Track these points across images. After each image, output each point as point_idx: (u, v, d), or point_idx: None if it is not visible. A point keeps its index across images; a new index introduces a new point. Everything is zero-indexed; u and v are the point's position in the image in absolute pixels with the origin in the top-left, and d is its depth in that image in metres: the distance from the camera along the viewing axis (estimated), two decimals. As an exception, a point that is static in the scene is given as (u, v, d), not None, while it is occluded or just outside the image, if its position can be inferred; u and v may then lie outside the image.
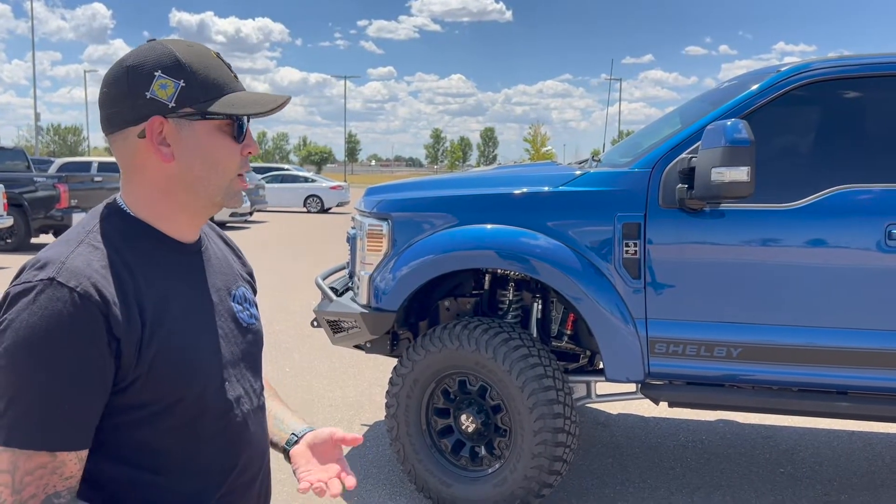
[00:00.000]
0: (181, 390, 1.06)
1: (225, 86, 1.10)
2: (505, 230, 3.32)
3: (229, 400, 1.14)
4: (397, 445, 3.54)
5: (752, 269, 3.09)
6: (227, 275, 1.24)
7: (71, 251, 1.02)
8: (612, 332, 3.17)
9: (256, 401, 1.22)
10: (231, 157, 1.12)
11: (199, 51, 1.11)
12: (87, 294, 0.97)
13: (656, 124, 4.33)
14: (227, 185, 1.13)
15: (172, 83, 1.06)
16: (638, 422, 4.83)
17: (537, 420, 3.18)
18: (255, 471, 1.20)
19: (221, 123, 1.10)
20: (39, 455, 0.96)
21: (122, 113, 1.07)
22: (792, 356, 3.06)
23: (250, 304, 1.28)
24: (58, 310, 0.95)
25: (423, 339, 3.46)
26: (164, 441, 1.07)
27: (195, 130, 1.09)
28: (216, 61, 1.11)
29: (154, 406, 1.04)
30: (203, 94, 1.08)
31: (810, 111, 3.31)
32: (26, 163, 15.04)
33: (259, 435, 1.21)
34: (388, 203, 3.62)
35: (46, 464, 0.96)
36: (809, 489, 3.81)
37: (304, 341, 6.77)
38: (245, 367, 1.21)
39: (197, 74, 1.08)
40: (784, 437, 4.54)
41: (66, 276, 0.98)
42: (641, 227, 3.13)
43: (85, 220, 1.11)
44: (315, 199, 26.31)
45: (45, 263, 1.00)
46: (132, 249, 1.07)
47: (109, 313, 0.98)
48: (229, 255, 1.31)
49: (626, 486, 3.82)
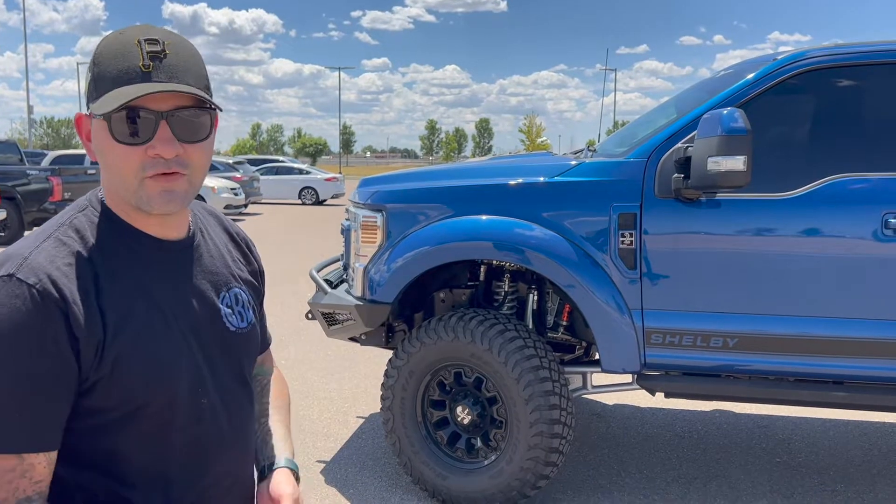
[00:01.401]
0: (147, 396, 1.01)
1: (116, 79, 0.98)
2: (500, 221, 3.30)
3: (202, 408, 1.08)
4: (393, 438, 3.52)
5: (749, 259, 3.07)
6: (219, 275, 1.16)
7: (36, 246, 0.98)
8: (608, 322, 3.16)
9: (238, 410, 1.15)
10: (121, 159, 1.00)
11: (124, 38, 1.00)
12: (45, 291, 0.94)
13: (652, 114, 4.31)
14: (136, 189, 1.01)
15: (88, 77, 1.02)
16: (633, 412, 4.83)
17: (533, 411, 3.17)
18: (231, 482, 1.14)
19: (104, 123, 0.99)
20: (6, 458, 0.93)
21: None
22: (788, 346, 3.05)
23: (244, 306, 1.19)
24: (16, 307, 0.92)
25: (419, 330, 3.44)
26: (131, 448, 1.03)
27: (94, 129, 1.02)
28: (127, 50, 0.99)
29: (118, 411, 1.00)
30: (95, 91, 1.00)
31: (806, 100, 3.29)
32: (19, 155, 14.96)
33: (239, 445, 1.15)
34: (383, 194, 3.59)
35: (15, 467, 0.94)
36: (806, 479, 3.81)
37: (299, 334, 6.75)
38: (227, 373, 1.14)
39: (97, 67, 1.00)
40: (780, 427, 4.55)
41: (26, 273, 0.94)
42: (637, 217, 3.11)
43: (63, 212, 1.07)
44: (310, 191, 26.25)
45: (7, 259, 0.97)
46: (102, 246, 1.02)
47: (69, 312, 0.95)
48: (231, 253, 1.23)
49: (622, 476, 3.82)
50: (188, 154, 1.01)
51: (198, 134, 1.03)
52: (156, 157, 0.99)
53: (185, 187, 1.03)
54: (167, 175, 1.01)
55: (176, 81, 0.99)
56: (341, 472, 3.85)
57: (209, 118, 1.04)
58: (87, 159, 17.29)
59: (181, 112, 1.00)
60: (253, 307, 1.23)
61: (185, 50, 1.03)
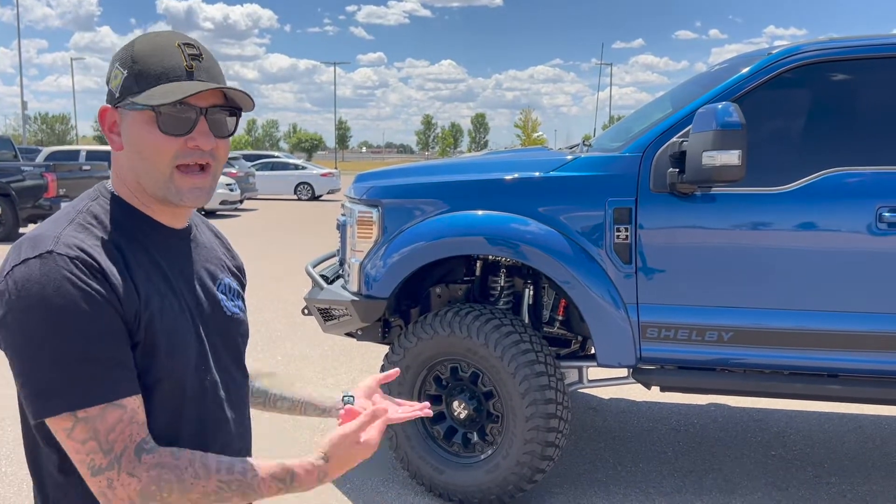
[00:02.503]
0: (168, 367, 1.08)
1: (161, 76, 1.07)
2: (495, 216, 3.30)
3: (205, 385, 1.15)
4: (389, 432, 3.53)
5: (743, 253, 3.08)
6: (214, 264, 1.25)
7: (62, 229, 1.04)
8: (603, 317, 3.16)
9: (236, 390, 1.23)
10: (158, 149, 1.08)
11: (161, 41, 1.10)
12: (87, 262, 1.01)
13: (647, 108, 4.31)
14: (165, 179, 1.10)
15: (121, 74, 1.09)
16: (629, 406, 4.85)
17: (529, 406, 3.18)
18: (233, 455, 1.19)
19: (151, 114, 1.07)
20: (111, 410, 0.99)
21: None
22: (783, 339, 3.06)
23: (235, 295, 1.28)
24: (65, 275, 0.98)
25: (415, 326, 3.45)
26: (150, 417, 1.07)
27: (130, 120, 1.09)
28: (169, 50, 1.09)
29: (147, 378, 1.06)
30: (137, 85, 1.08)
31: (801, 94, 3.29)
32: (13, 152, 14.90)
33: (237, 422, 1.22)
34: (379, 189, 3.59)
35: (122, 416, 1.00)
36: (801, 472, 3.83)
37: (295, 329, 6.75)
38: (226, 355, 1.21)
39: (137, 65, 1.08)
40: (775, 420, 4.57)
41: (64, 248, 1.01)
42: (632, 212, 3.11)
43: (76, 201, 1.13)
44: (306, 187, 26.20)
45: (39, 241, 1.02)
46: (120, 231, 1.09)
47: (110, 280, 1.02)
48: (218, 247, 1.32)
49: (618, 470, 3.84)
50: (218, 147, 1.12)
51: (225, 130, 1.14)
52: (195, 147, 1.09)
53: (210, 183, 1.13)
54: (197, 174, 1.11)
55: (214, 82, 1.10)
56: (338, 467, 3.85)
57: (234, 118, 1.15)
58: (81, 155, 17.24)
59: (215, 110, 1.10)
60: (241, 297, 1.32)
61: (212, 55, 1.14)
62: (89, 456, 0.98)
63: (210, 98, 1.09)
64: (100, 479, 0.98)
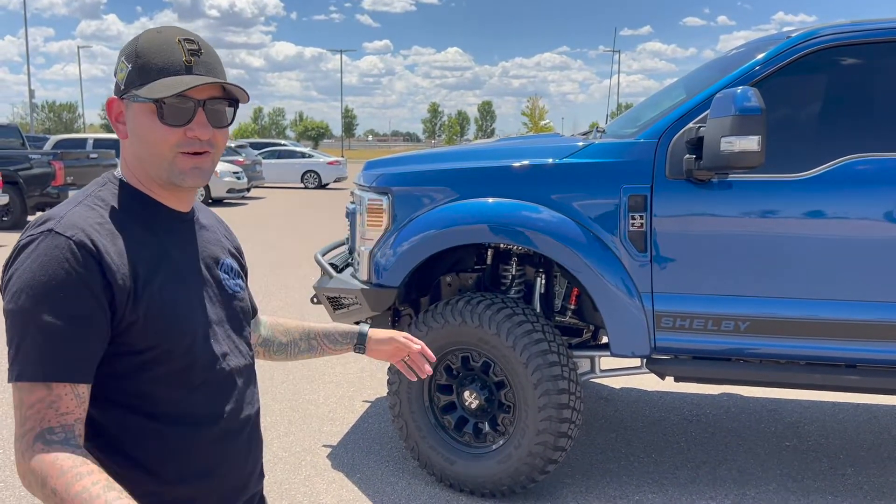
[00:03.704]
0: (172, 340, 1.15)
1: (162, 70, 1.15)
2: (507, 204, 3.25)
3: (215, 354, 1.24)
4: (399, 422, 3.50)
5: (761, 242, 3.02)
6: (216, 246, 1.34)
7: (70, 209, 1.14)
8: (617, 306, 3.11)
9: (243, 360, 1.31)
10: (161, 138, 1.16)
11: (163, 36, 1.18)
12: (81, 242, 1.08)
13: (659, 95, 4.24)
14: (168, 164, 1.18)
15: (126, 67, 1.18)
16: (641, 396, 4.80)
17: (542, 396, 3.14)
18: (244, 421, 1.29)
19: (152, 106, 1.15)
20: (38, 388, 1.04)
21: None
22: (801, 329, 3.01)
23: (236, 275, 1.37)
24: (55, 255, 1.06)
25: (425, 315, 3.40)
26: (157, 388, 1.15)
27: (133, 111, 1.18)
28: (170, 46, 1.17)
29: (148, 353, 1.13)
30: (140, 78, 1.16)
31: (821, 78, 3.22)
32: (21, 140, 14.88)
33: (246, 389, 1.31)
34: (388, 177, 3.54)
35: (44, 398, 1.04)
36: (816, 463, 3.78)
37: (304, 317, 6.72)
38: (231, 328, 1.30)
39: (140, 59, 1.16)
40: (789, 411, 4.52)
41: (63, 228, 1.09)
42: (648, 199, 3.06)
43: (88, 186, 1.23)
44: (312, 175, 26.15)
45: (46, 219, 1.12)
46: (127, 213, 1.18)
47: (102, 261, 1.08)
48: (218, 230, 1.40)
49: (630, 460, 3.80)
50: (215, 137, 1.20)
51: (223, 121, 1.21)
52: (193, 137, 1.17)
53: (209, 165, 1.22)
54: (198, 154, 1.19)
55: (212, 76, 1.18)
56: (348, 456, 3.83)
57: (232, 108, 1.23)
58: (88, 143, 17.23)
59: (213, 102, 1.18)
60: (241, 276, 1.41)
61: (212, 50, 1.22)
62: (15, 422, 1.06)
63: (208, 91, 1.17)
64: (16, 444, 1.06)
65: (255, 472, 1.34)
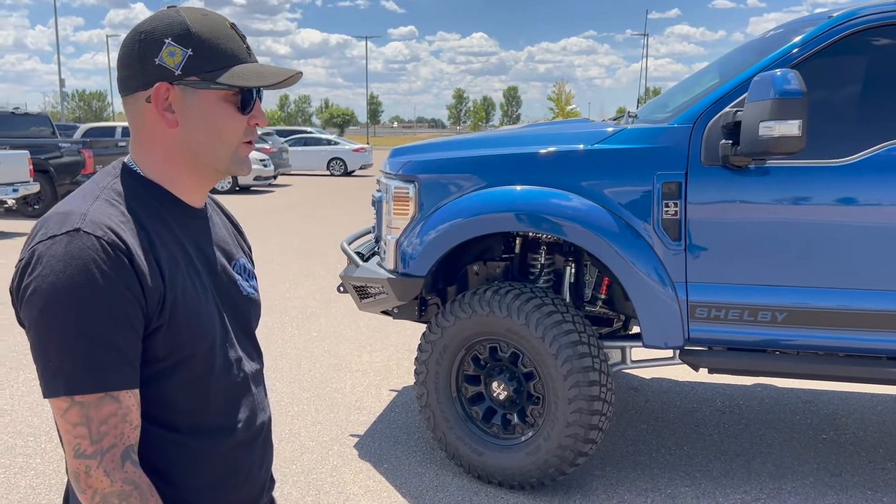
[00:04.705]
0: (194, 344, 1.10)
1: (234, 57, 1.11)
2: (536, 191, 3.18)
3: (230, 360, 1.18)
4: (427, 413, 3.46)
5: (800, 230, 2.92)
6: (230, 244, 1.28)
7: (90, 205, 1.05)
8: (650, 296, 3.03)
9: (255, 364, 1.26)
10: (235, 127, 1.13)
11: (213, 20, 1.12)
12: (113, 242, 1.00)
13: (692, 79, 4.13)
14: (232, 154, 1.15)
15: (181, 51, 1.09)
16: (672, 387, 4.72)
17: (572, 388, 3.08)
18: (259, 428, 1.24)
19: (227, 94, 1.11)
20: (106, 402, 0.99)
21: (133, 77, 1.10)
22: (841, 320, 2.91)
23: (250, 275, 1.31)
24: (90, 256, 0.98)
25: (453, 304, 3.35)
26: (176, 397, 1.10)
27: (200, 99, 1.10)
28: (229, 32, 1.12)
29: (171, 359, 1.08)
30: (210, 64, 1.09)
31: (864, 60, 3.09)
32: (51, 129, 15.04)
33: (259, 396, 1.26)
34: (415, 164, 3.48)
35: (116, 411, 1.00)
36: (854, 456, 3.68)
37: (330, 305, 6.72)
38: (243, 333, 1.25)
39: (206, 44, 1.09)
40: (825, 402, 4.40)
41: (91, 227, 1.00)
42: (682, 186, 2.97)
43: (98, 178, 1.13)
44: (338, 162, 26.19)
45: (67, 218, 1.02)
46: (144, 208, 1.10)
47: (134, 262, 1.02)
48: (229, 227, 1.34)
49: (661, 452, 3.72)
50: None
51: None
52: (255, 125, 1.15)
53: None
54: (250, 143, 1.17)
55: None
56: (375, 446, 3.80)
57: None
58: (117, 132, 17.38)
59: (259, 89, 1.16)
60: (255, 277, 1.34)
61: None
62: (77, 439, 0.99)
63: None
64: (80, 462, 0.99)
65: (267, 481, 1.30)
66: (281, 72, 1.13)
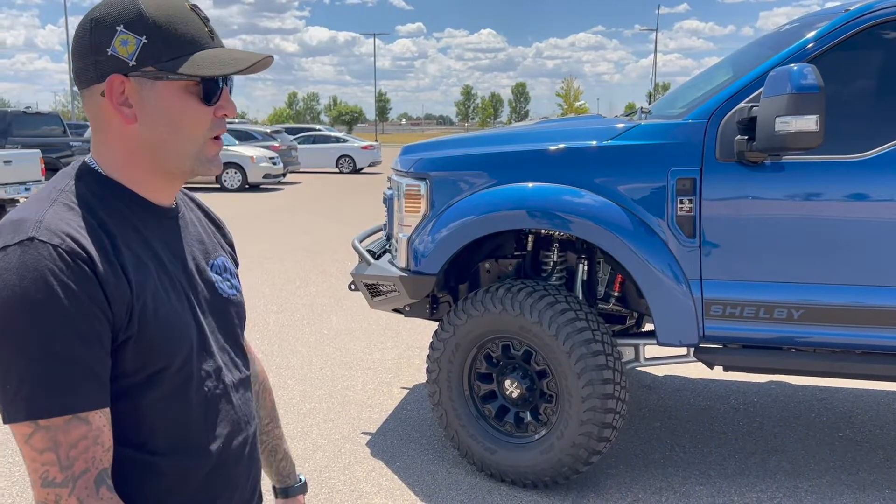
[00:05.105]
0: (168, 356, 1.00)
1: (194, 42, 1.00)
2: (548, 188, 3.15)
3: (208, 371, 1.08)
4: (439, 411, 3.45)
5: (818, 226, 2.89)
6: (206, 243, 1.18)
7: (45, 211, 0.95)
8: (664, 293, 3.01)
9: (238, 374, 1.16)
10: (199, 121, 1.02)
11: (170, 2, 1.01)
12: (72, 250, 0.91)
13: (706, 74, 4.09)
14: (197, 151, 1.04)
15: (134, 39, 0.98)
16: (685, 384, 4.69)
17: (586, 386, 3.06)
18: (242, 442, 1.14)
19: (188, 84, 1.00)
20: (76, 424, 0.90)
21: (86, 69, 1.00)
22: (858, 317, 2.88)
23: (231, 274, 1.21)
24: (47, 267, 0.89)
25: (465, 302, 3.34)
26: (150, 414, 1.00)
27: (158, 91, 1.00)
28: (188, 15, 1.01)
29: (143, 373, 0.98)
30: (168, 52, 0.99)
31: (881, 54, 3.05)
32: (62, 128, 15.12)
33: (243, 408, 1.16)
34: (426, 162, 3.46)
35: (87, 433, 0.91)
36: (871, 454, 3.64)
37: (341, 303, 6.71)
38: (224, 338, 1.15)
39: (162, 30, 0.99)
40: (840, 400, 4.36)
41: (47, 235, 0.91)
42: (697, 183, 2.94)
43: (55, 180, 1.03)
44: (347, 160, 26.21)
45: (20, 225, 0.92)
46: (107, 210, 1.00)
47: (97, 271, 0.92)
48: (208, 225, 1.24)
49: (675, 451, 3.70)
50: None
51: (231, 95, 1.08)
52: (223, 116, 1.05)
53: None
54: (218, 139, 1.06)
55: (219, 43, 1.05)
56: (387, 444, 3.80)
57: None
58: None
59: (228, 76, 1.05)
60: (237, 276, 1.25)
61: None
62: (44, 467, 0.90)
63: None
64: (49, 491, 0.91)
65: (254, 495, 1.21)
66: (246, 57, 1.01)
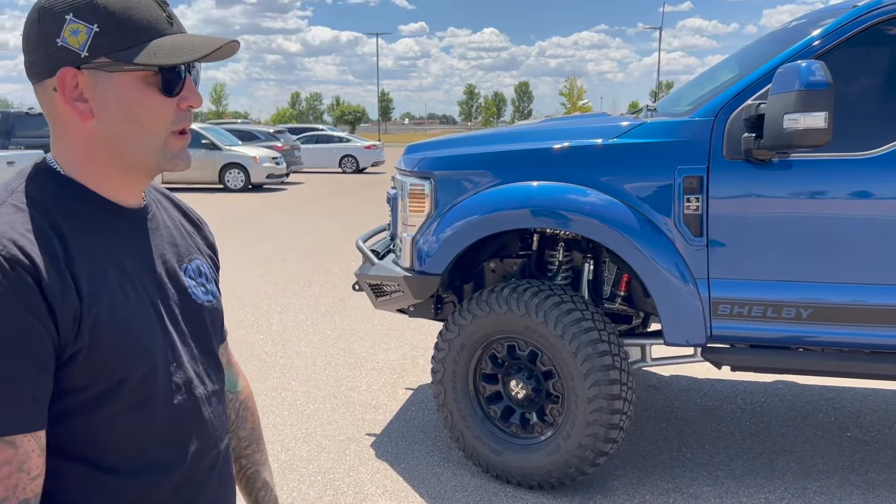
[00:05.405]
0: (127, 368, 0.93)
1: (150, 29, 0.93)
2: (553, 187, 3.13)
3: (177, 384, 1.01)
4: (444, 412, 3.42)
5: (825, 224, 2.86)
6: (180, 246, 1.09)
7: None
8: (671, 293, 2.98)
9: (211, 385, 1.08)
10: (160, 114, 0.95)
11: None
12: (12, 257, 0.83)
13: (712, 71, 4.06)
14: (160, 146, 0.97)
15: (85, 28, 0.91)
16: (692, 384, 4.66)
17: (592, 386, 3.03)
18: (212, 460, 1.07)
19: (146, 74, 0.93)
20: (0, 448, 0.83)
21: (37, 62, 0.94)
22: (867, 316, 2.84)
23: (207, 279, 1.13)
24: None
25: (469, 302, 3.31)
26: (108, 430, 0.93)
27: (114, 84, 0.93)
28: (144, 0, 0.94)
29: (97, 387, 0.91)
30: (122, 41, 0.91)
31: (890, 50, 3.01)
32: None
33: (215, 422, 1.08)
34: (430, 161, 3.44)
35: (10, 459, 0.83)
36: (880, 454, 3.61)
37: (345, 303, 6.69)
38: (197, 347, 1.07)
39: (115, 16, 0.91)
40: (848, 399, 4.33)
41: None
42: (704, 181, 2.91)
43: (9, 180, 0.96)
44: (350, 160, 26.20)
45: None
46: (63, 212, 0.93)
47: (41, 278, 0.85)
48: (185, 225, 1.15)
49: (682, 451, 3.67)
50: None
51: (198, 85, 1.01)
52: (188, 108, 0.97)
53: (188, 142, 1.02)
54: (184, 133, 0.99)
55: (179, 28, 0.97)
56: (392, 445, 3.77)
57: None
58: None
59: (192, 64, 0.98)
60: (215, 280, 1.16)
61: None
62: None
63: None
64: None
65: None
66: (208, 43, 0.94)
